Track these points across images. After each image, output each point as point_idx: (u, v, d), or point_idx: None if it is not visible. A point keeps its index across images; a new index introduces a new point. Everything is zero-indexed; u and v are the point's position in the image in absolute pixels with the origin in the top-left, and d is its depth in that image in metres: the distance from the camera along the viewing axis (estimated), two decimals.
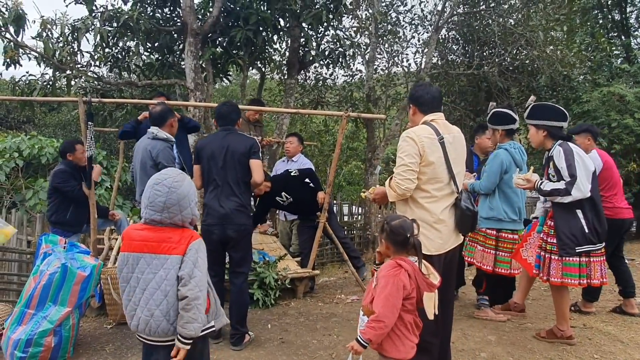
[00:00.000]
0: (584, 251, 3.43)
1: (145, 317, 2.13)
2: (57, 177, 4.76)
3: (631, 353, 3.44)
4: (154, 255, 2.13)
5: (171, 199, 2.14)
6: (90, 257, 3.92)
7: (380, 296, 2.24)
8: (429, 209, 2.77)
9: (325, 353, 3.54)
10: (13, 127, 15.32)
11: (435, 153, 2.75)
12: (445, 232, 2.80)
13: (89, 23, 5.96)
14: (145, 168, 4.04)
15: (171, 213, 2.15)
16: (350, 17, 9.15)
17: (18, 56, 6.02)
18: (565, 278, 3.47)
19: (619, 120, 10.60)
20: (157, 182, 2.18)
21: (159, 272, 2.12)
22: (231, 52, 7.29)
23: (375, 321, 2.23)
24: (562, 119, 3.58)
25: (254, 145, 3.75)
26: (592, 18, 14.76)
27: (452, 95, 10.92)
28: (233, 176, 3.65)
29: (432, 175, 2.76)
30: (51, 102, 7.71)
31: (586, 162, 3.43)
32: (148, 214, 2.18)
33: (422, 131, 2.79)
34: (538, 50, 8.64)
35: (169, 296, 2.11)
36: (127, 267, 2.18)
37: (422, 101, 2.93)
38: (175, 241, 2.14)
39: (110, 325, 4.24)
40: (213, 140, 3.80)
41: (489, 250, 4.15)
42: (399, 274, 2.29)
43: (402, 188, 2.72)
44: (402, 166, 2.72)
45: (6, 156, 7.47)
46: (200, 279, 2.12)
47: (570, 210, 3.43)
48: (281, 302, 4.92)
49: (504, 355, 3.42)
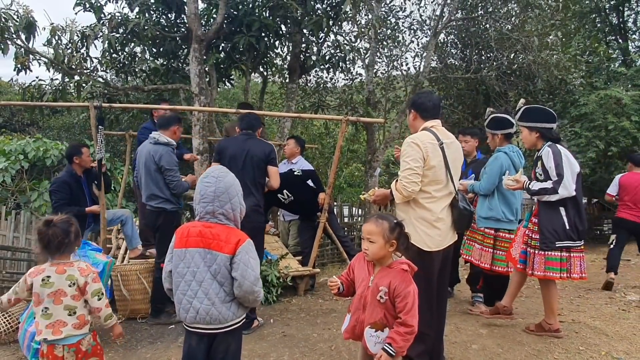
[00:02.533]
0: (564, 246, 3.63)
1: (206, 307, 2.26)
2: (53, 184, 4.80)
3: (615, 345, 3.62)
4: (207, 250, 2.27)
5: (220, 188, 2.33)
6: (102, 254, 4.12)
7: (412, 310, 2.25)
8: (430, 209, 2.98)
9: (325, 345, 3.72)
10: (18, 129, 15.53)
11: (436, 157, 2.96)
12: (444, 229, 3.02)
13: (97, 30, 6.17)
14: (150, 172, 4.27)
15: (221, 201, 2.32)
16: (350, 23, 9.33)
17: (29, 62, 6.22)
18: (547, 271, 3.68)
19: (616, 123, 10.75)
20: (205, 176, 2.38)
21: (213, 266, 2.27)
22: (234, 57, 7.49)
23: (410, 334, 2.25)
24: (552, 121, 3.80)
25: (272, 151, 4.09)
26: (590, 22, 14.93)
27: (450, 99, 11.09)
28: (251, 177, 3.96)
29: (433, 178, 2.97)
30: (62, 107, 7.89)
31: (572, 164, 3.64)
32: (201, 207, 2.33)
33: (425, 137, 3.00)
34: (533, 55, 8.82)
35: (224, 286, 2.28)
36: (184, 262, 2.30)
37: (425, 108, 3.14)
38: (223, 239, 2.27)
39: (120, 320, 4.43)
40: (234, 143, 4.09)
41: (487, 249, 4.32)
42: (412, 280, 2.33)
43: (408, 190, 2.91)
44: (408, 170, 2.92)
45: (11, 158, 7.63)
46: (255, 277, 2.28)
47: (553, 207, 3.64)
48: (283, 299, 5.11)
49: (493, 347, 3.61)
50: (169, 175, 4.24)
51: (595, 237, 14.22)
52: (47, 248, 2.46)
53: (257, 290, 2.31)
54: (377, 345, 2.33)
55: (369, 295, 2.36)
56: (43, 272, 2.44)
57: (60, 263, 2.48)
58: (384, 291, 2.29)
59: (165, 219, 4.29)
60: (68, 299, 2.45)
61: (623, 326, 4.08)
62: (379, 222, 2.34)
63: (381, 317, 2.31)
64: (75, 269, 2.48)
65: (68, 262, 2.51)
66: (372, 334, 2.34)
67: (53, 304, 2.42)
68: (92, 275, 2.51)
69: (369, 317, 2.35)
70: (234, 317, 2.32)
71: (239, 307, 2.35)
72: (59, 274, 2.44)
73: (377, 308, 2.32)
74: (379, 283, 2.33)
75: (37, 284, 2.41)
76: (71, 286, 2.45)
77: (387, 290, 2.29)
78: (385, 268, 2.37)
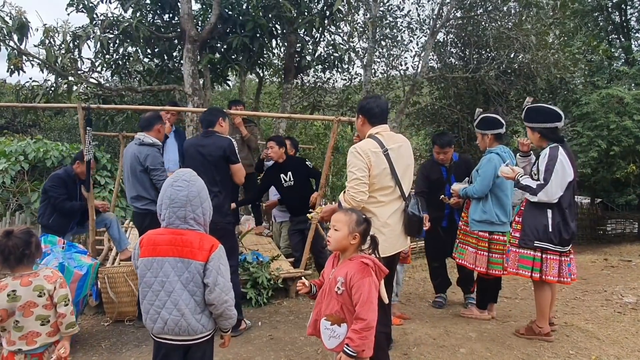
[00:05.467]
0: (540, 247, 3.57)
1: (175, 317, 2.19)
2: (50, 180, 4.90)
3: (605, 349, 3.54)
4: (178, 258, 2.20)
5: (192, 191, 2.26)
6: (87, 256, 4.09)
7: (366, 303, 2.20)
8: (376, 214, 2.95)
9: (312, 349, 3.68)
10: (19, 131, 15.60)
11: (380, 165, 2.92)
12: (390, 236, 2.97)
13: (90, 31, 6.16)
14: (135, 173, 4.24)
15: (193, 206, 2.25)
16: (346, 23, 9.27)
17: (22, 63, 6.21)
18: (520, 269, 3.64)
19: (618, 123, 10.64)
20: (175, 180, 2.28)
21: (184, 274, 2.20)
22: (229, 57, 7.46)
23: (366, 330, 2.19)
24: (556, 120, 3.68)
25: (229, 146, 3.90)
26: (592, 20, 14.80)
27: (449, 99, 11.01)
28: (210, 177, 3.71)
29: (379, 185, 2.94)
30: (52, 108, 7.90)
31: (566, 172, 3.53)
32: (170, 213, 2.24)
33: (368, 145, 2.96)
34: (531, 54, 8.73)
35: (195, 296, 2.22)
36: (151, 272, 2.23)
37: (373, 113, 3.09)
38: (196, 247, 2.21)
39: (107, 322, 4.41)
40: (192, 143, 4.05)
41: (482, 252, 4.22)
42: (371, 274, 2.30)
43: (357, 200, 2.89)
44: (355, 180, 2.89)
45: (12, 159, 7.64)
46: (224, 284, 2.24)
47: (541, 207, 3.58)
48: (274, 301, 5.06)
49: (482, 351, 3.54)
50: (155, 175, 4.20)
51: (598, 237, 14.10)
52: (6, 261, 2.35)
53: (227, 299, 2.25)
54: (331, 339, 2.29)
55: (327, 287, 2.37)
56: (7, 288, 2.33)
57: (24, 275, 2.38)
58: (341, 281, 2.27)
59: (151, 221, 4.23)
60: (40, 309, 2.37)
61: (616, 329, 4.00)
62: (348, 212, 2.39)
63: (337, 309, 2.28)
64: (42, 278, 2.39)
65: (32, 273, 2.41)
66: (327, 326, 2.31)
67: (23, 316, 2.34)
68: (59, 280, 2.44)
69: (325, 309, 2.33)
70: (203, 330, 2.26)
71: (209, 320, 2.29)
72: (24, 286, 2.35)
73: (333, 300, 2.31)
74: (337, 274, 2.32)
75: (3, 301, 2.30)
76: (41, 296, 2.36)
77: (343, 280, 2.27)
78: (346, 261, 2.36)
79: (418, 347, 3.63)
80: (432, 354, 3.49)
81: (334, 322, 2.29)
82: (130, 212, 7.99)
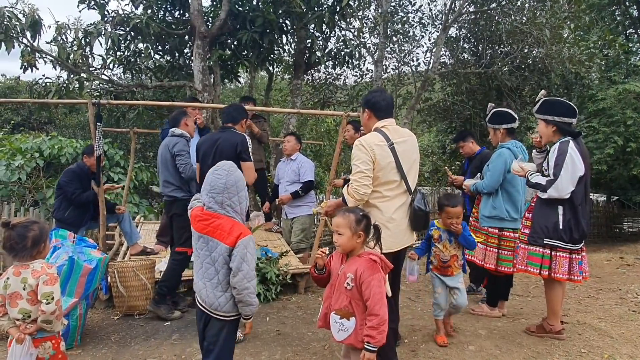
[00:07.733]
0: (550, 244, 3.48)
1: (201, 286, 2.46)
2: (65, 175, 5.06)
3: (619, 348, 3.46)
4: (209, 237, 2.41)
5: (230, 180, 2.45)
6: (97, 250, 4.12)
7: (377, 298, 2.28)
8: (381, 209, 2.92)
9: (319, 344, 3.66)
10: (35, 128, 15.82)
11: (386, 158, 2.89)
12: (395, 231, 2.93)
13: (101, 28, 6.20)
14: (165, 162, 4.44)
15: (230, 193, 2.44)
16: (357, 18, 9.21)
17: (35, 60, 6.28)
18: (528, 266, 3.57)
19: (635, 118, 10.40)
20: (216, 169, 2.50)
21: (213, 253, 2.40)
22: (239, 53, 7.46)
23: (382, 324, 2.26)
24: (571, 116, 3.59)
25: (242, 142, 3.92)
26: (609, 14, 14.49)
27: (461, 95, 10.87)
28: None
29: (384, 179, 2.91)
30: (63, 104, 7.99)
31: (576, 167, 3.42)
32: (209, 198, 2.44)
33: (373, 138, 2.93)
34: (545, 49, 8.57)
35: (219, 274, 2.39)
36: (196, 243, 2.50)
37: (379, 107, 3.06)
38: (226, 231, 2.37)
39: (117, 316, 4.44)
40: (207, 139, 4.09)
41: (492, 249, 4.17)
42: (379, 269, 2.36)
43: (360, 193, 2.87)
44: (358, 173, 2.88)
45: (27, 156, 7.75)
46: (248, 272, 2.35)
47: (552, 203, 3.49)
48: (283, 296, 5.05)
49: (491, 348, 3.49)
50: (179, 159, 4.34)
51: (614, 235, 13.82)
52: (4, 249, 2.48)
53: (248, 286, 2.35)
54: (340, 332, 2.39)
55: (337, 282, 2.45)
56: (5, 275, 2.41)
57: (18, 265, 2.42)
58: (351, 278, 2.36)
59: (178, 208, 4.37)
60: (24, 302, 2.37)
61: (630, 328, 3.91)
62: (345, 214, 2.44)
63: (346, 304, 2.37)
64: (29, 271, 2.39)
65: (25, 264, 2.42)
66: (336, 320, 2.41)
67: (10, 306, 2.37)
68: (44, 277, 2.38)
69: (335, 303, 2.44)
70: (218, 307, 2.41)
71: (228, 303, 2.41)
72: (15, 276, 2.38)
73: (342, 295, 2.40)
74: (347, 271, 2.40)
75: (1, 287, 2.37)
76: (25, 289, 2.36)
77: (353, 277, 2.35)
78: (355, 257, 2.44)
79: (426, 344, 3.60)
80: (440, 351, 3.45)
81: (343, 316, 2.39)
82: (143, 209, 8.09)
